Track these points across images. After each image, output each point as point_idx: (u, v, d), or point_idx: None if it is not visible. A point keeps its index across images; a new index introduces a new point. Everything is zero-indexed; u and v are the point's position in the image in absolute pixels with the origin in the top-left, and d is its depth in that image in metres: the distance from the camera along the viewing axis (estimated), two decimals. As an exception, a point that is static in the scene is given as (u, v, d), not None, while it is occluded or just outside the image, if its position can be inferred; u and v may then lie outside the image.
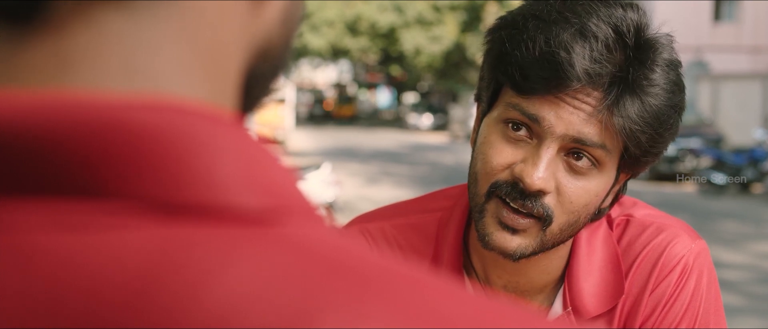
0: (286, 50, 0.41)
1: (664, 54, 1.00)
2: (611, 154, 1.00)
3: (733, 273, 8.24)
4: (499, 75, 1.01)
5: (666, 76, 1.00)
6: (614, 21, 0.97)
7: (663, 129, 1.00)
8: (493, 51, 1.02)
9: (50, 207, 0.31)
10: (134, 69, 0.33)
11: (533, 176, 0.98)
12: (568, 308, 1.10)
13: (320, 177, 9.12)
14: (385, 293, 0.31)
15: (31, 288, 0.30)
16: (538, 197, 1.00)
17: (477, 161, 1.04)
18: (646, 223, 1.12)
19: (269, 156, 0.35)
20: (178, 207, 0.31)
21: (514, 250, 1.02)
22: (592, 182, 1.01)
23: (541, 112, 0.98)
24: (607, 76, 0.96)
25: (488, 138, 1.03)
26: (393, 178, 17.00)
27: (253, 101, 0.41)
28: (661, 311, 1.08)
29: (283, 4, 0.40)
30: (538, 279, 1.12)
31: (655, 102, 0.98)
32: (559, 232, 1.03)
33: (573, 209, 1.02)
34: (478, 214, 1.03)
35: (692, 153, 16.73)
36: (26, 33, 0.33)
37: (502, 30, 1.01)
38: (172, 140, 0.32)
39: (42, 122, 0.31)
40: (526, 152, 1.00)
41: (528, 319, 0.33)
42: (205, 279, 0.29)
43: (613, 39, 0.96)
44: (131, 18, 0.34)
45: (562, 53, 0.95)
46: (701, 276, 1.09)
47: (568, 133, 0.98)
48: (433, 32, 35.77)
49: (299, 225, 0.33)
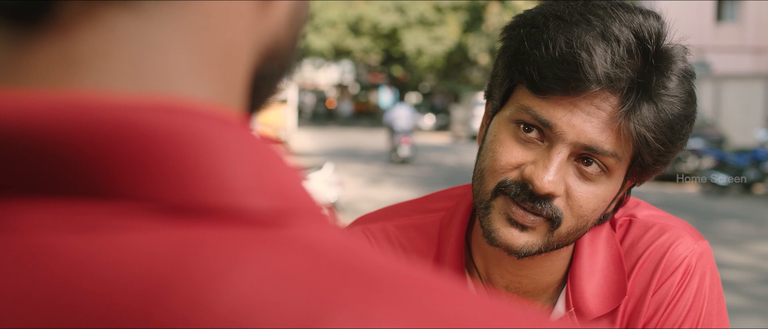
0: (293, 50, 0.41)
1: (680, 64, 1.00)
2: (621, 161, 1.00)
3: (735, 274, 8.24)
4: (515, 73, 1.00)
5: (682, 86, 1.00)
6: (635, 27, 0.97)
7: (675, 138, 1.00)
8: (510, 49, 1.01)
9: (61, 208, 0.31)
10: (143, 70, 0.33)
11: (544, 179, 0.98)
12: (571, 309, 1.10)
13: (322, 178, 9.12)
14: (394, 295, 0.31)
15: (41, 288, 0.30)
16: (548, 200, 1.00)
17: (485, 158, 1.04)
18: (648, 224, 1.12)
19: (278, 158, 0.35)
20: (189, 209, 0.31)
21: (521, 247, 1.02)
22: (601, 188, 1.01)
23: (554, 118, 0.98)
24: (625, 82, 0.96)
25: (498, 136, 1.03)
26: (395, 179, 16.99)
27: (259, 101, 0.41)
28: (663, 312, 1.08)
29: (290, 3, 0.40)
30: (541, 280, 1.11)
31: (671, 110, 0.98)
32: (567, 235, 1.03)
33: (582, 213, 1.02)
34: (484, 210, 1.03)
35: (694, 154, 16.70)
36: (35, 34, 0.33)
37: (521, 28, 1.01)
38: (182, 142, 0.32)
39: (53, 123, 0.31)
40: (537, 155, 1.00)
41: (533, 321, 0.33)
42: (215, 280, 0.29)
43: (635, 44, 0.96)
44: (140, 18, 0.34)
45: (584, 54, 0.94)
46: (704, 277, 1.09)
47: (580, 140, 0.98)
48: (435, 33, 35.75)
49: (308, 227, 0.33)
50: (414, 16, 35.60)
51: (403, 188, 14.90)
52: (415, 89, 49.53)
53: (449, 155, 24.32)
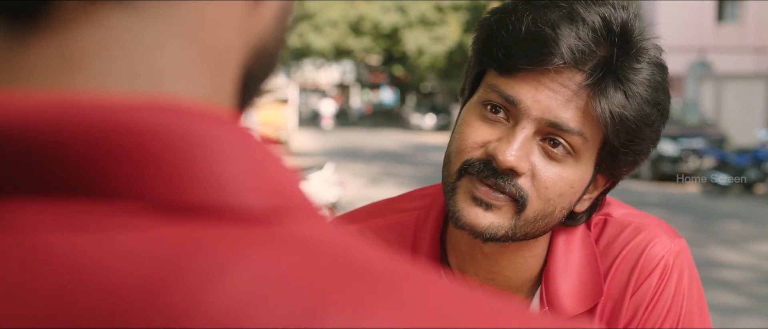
0: (280, 49, 0.42)
1: (651, 53, 1.01)
2: (588, 144, 1.00)
3: (736, 274, 8.23)
4: (484, 58, 1.02)
5: (651, 73, 1.00)
6: (603, 12, 0.98)
7: (644, 125, 1.00)
8: (481, 37, 1.03)
9: (57, 208, 0.31)
10: (138, 69, 0.34)
11: (506, 153, 0.98)
12: (545, 307, 1.09)
13: (323, 177, 9.13)
14: (390, 292, 0.31)
15: (38, 287, 0.30)
16: (511, 177, 0.99)
17: (452, 142, 1.05)
18: (624, 223, 1.11)
19: (272, 157, 0.35)
20: (184, 208, 0.31)
21: (486, 228, 1.00)
22: (568, 170, 1.01)
23: (519, 94, 0.98)
24: (591, 60, 0.97)
25: (465, 119, 1.04)
26: (396, 178, 17.00)
27: (247, 100, 0.41)
28: (643, 313, 1.07)
29: (278, 4, 0.40)
30: (514, 277, 1.11)
31: (639, 92, 0.98)
32: (534, 220, 1.02)
33: (548, 196, 1.01)
34: (450, 192, 1.03)
35: (695, 154, 16.71)
36: (30, 33, 0.33)
37: (492, 16, 1.02)
38: (177, 141, 0.32)
39: (49, 123, 0.31)
40: (502, 132, 1.00)
41: (529, 318, 0.33)
42: (211, 279, 0.30)
43: (601, 26, 0.97)
44: (135, 17, 0.34)
45: (548, 30, 0.96)
46: (682, 276, 1.08)
47: (545, 117, 0.98)
48: (436, 32, 35.76)
49: (303, 225, 0.33)
50: (415, 16, 35.60)
51: (404, 188, 14.87)
52: (416, 88, 49.55)
53: (450, 154, 24.27)
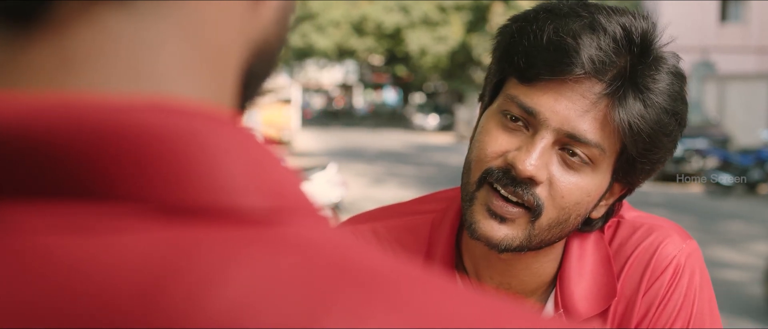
0: (280, 49, 0.42)
1: (671, 62, 1.01)
2: (606, 154, 1.01)
3: (739, 274, 8.22)
4: (504, 66, 1.02)
5: (670, 83, 1.00)
6: (624, 22, 0.98)
7: (662, 134, 1.01)
8: (502, 45, 1.03)
9: (55, 210, 0.31)
10: (137, 69, 0.33)
11: (526, 162, 0.98)
12: (560, 310, 1.09)
13: (326, 178, 9.14)
14: (390, 293, 0.31)
15: (37, 289, 0.30)
16: (529, 186, 1.00)
17: (472, 150, 1.05)
18: (636, 224, 1.12)
19: (273, 157, 0.35)
20: (184, 209, 0.31)
21: (501, 240, 1.02)
22: (585, 180, 1.01)
23: (538, 105, 0.99)
24: (611, 70, 0.97)
25: (485, 127, 1.05)
26: (399, 179, 17.00)
27: (248, 100, 0.41)
28: (654, 312, 1.08)
29: (279, 3, 0.40)
30: (530, 281, 1.12)
31: (658, 102, 0.99)
32: (548, 228, 1.03)
33: (564, 204, 1.01)
34: (468, 202, 1.04)
35: (699, 154, 16.70)
36: (29, 33, 0.33)
37: (513, 24, 1.03)
38: (176, 142, 0.32)
39: (47, 124, 0.31)
40: (521, 141, 1.01)
41: (528, 319, 0.33)
42: (211, 280, 0.30)
43: (622, 36, 0.98)
44: (134, 18, 0.34)
45: (569, 40, 0.96)
46: (693, 276, 1.09)
47: (563, 127, 0.99)
48: (439, 33, 35.73)
49: (303, 226, 0.33)
50: (418, 16, 35.58)
51: (406, 188, 14.90)
52: (419, 88, 49.54)
53: (453, 155, 24.31)
